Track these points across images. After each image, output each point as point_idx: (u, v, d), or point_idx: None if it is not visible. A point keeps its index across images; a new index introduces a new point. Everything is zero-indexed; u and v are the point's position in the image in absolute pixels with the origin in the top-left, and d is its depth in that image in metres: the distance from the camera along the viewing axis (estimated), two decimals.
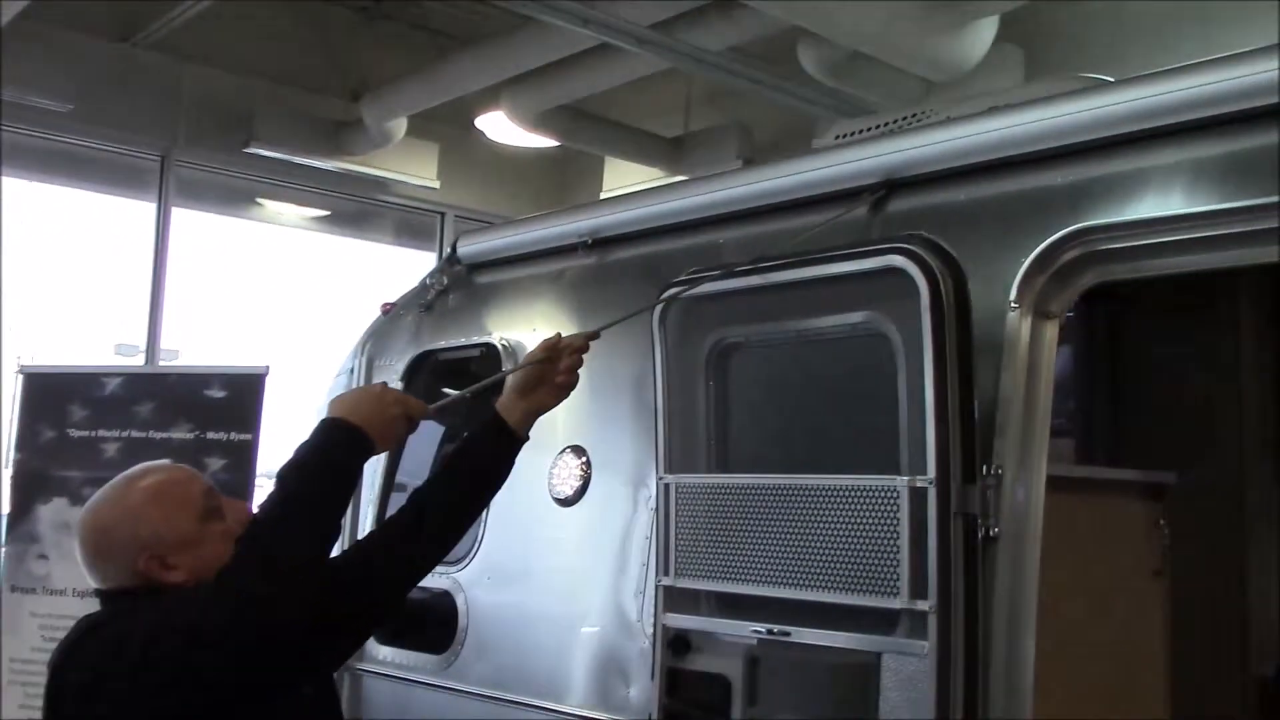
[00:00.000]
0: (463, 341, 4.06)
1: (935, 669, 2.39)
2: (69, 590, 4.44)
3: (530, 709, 3.43)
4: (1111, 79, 2.84)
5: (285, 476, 2.11)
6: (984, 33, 5.94)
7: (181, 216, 8.40)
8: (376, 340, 4.34)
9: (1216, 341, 3.79)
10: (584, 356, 2.54)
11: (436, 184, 8.91)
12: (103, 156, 8.15)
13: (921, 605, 2.42)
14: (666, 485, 2.94)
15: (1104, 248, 2.52)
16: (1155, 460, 3.45)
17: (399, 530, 2.30)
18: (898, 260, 2.50)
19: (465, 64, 7.24)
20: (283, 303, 10.16)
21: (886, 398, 2.58)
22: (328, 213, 9.71)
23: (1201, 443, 3.75)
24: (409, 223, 9.86)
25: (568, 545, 3.47)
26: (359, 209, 9.61)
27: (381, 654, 3.82)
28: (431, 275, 4.35)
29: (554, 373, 2.46)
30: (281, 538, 2.02)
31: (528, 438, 2.48)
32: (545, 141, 8.30)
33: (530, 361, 2.46)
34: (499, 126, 8.18)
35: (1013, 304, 2.58)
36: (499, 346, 3.88)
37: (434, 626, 3.73)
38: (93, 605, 4.35)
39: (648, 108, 8.37)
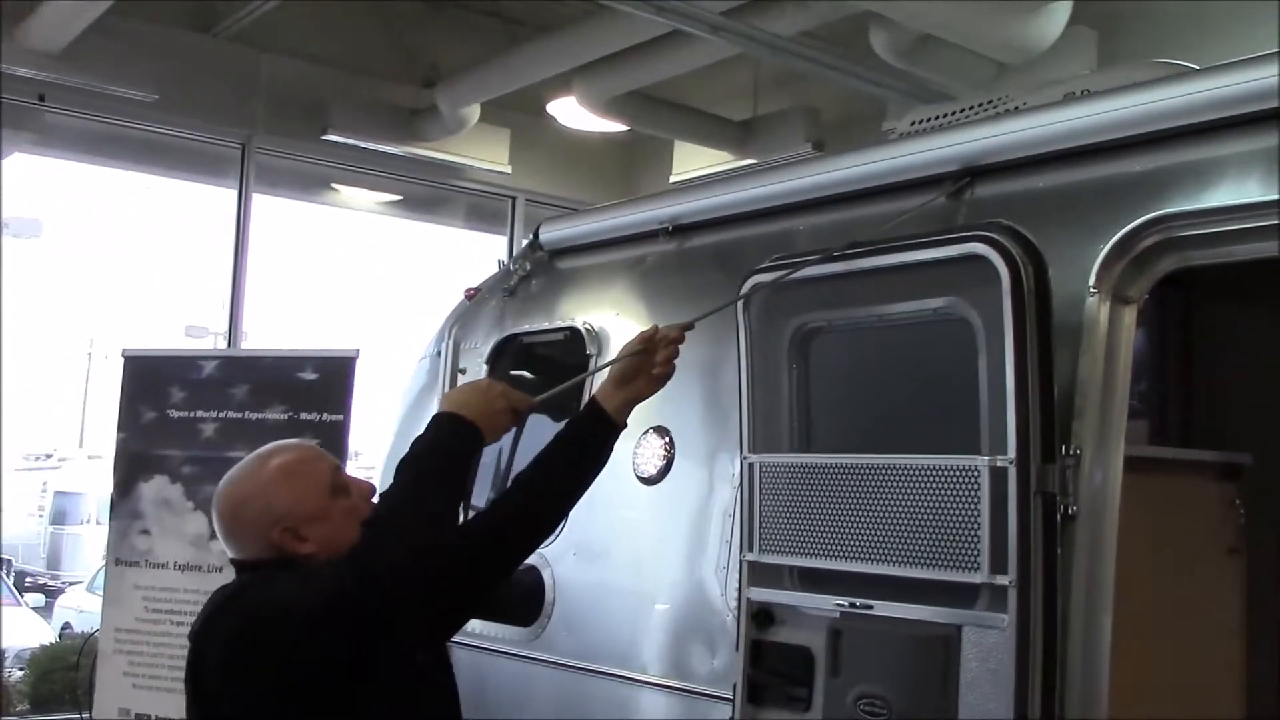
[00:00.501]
0: (546, 325, 4.19)
1: (1015, 642, 2.48)
2: (170, 564, 4.65)
3: (616, 679, 3.56)
4: (1186, 64, 2.90)
5: (406, 467, 2.26)
6: (1058, 16, 5.95)
7: (259, 202, 8.63)
8: (461, 325, 4.48)
9: None
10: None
11: (508, 169, 9.05)
12: (186, 145, 8.38)
13: (1001, 580, 2.51)
14: (751, 465, 3.05)
15: (1182, 234, 2.58)
16: (1229, 442, 3.50)
17: (505, 512, 2.43)
18: (980, 248, 2.58)
19: (537, 52, 7.36)
20: (358, 286, 10.42)
21: (966, 381, 2.67)
22: (400, 197, 9.90)
23: (1276, 423, 3.78)
24: (480, 207, 10.01)
25: (651, 522, 3.59)
26: (431, 194, 9.77)
27: (471, 626, 3.96)
28: (514, 260, 4.48)
29: (650, 364, 2.57)
30: (405, 520, 2.16)
31: (625, 425, 2.59)
32: (615, 126, 8.40)
33: (629, 354, 2.56)
34: (570, 112, 8.30)
35: (1091, 289, 2.65)
36: (582, 331, 4.00)
37: (522, 600, 3.87)
38: (194, 578, 4.55)
39: (716, 91, 8.44)
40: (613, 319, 3.96)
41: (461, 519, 2.39)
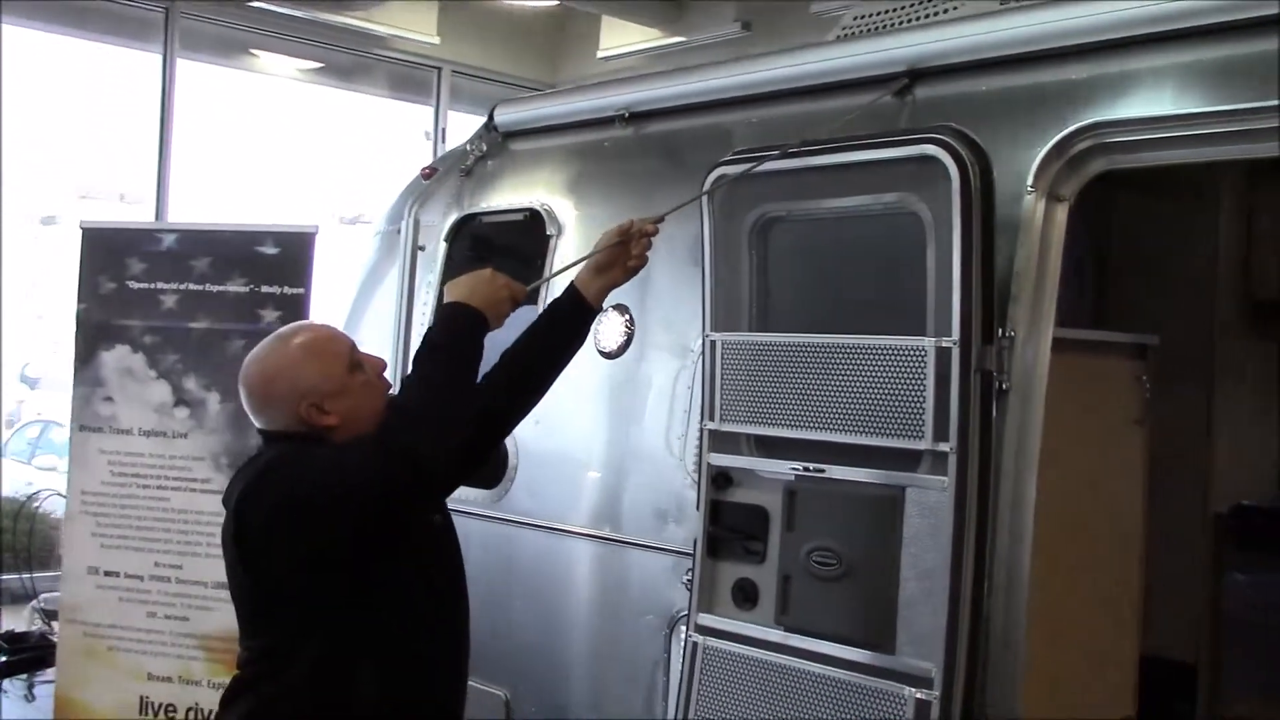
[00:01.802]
0: (504, 206, 4.37)
1: (954, 500, 2.82)
2: (134, 429, 4.81)
3: (576, 536, 3.87)
4: None
5: (424, 358, 2.45)
6: None
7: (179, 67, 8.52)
8: (420, 202, 4.63)
9: (1197, 221, 4.19)
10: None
11: (436, 39, 9.06)
12: (108, 8, 8.23)
13: (943, 447, 2.83)
14: (713, 342, 3.32)
15: (1112, 140, 2.87)
16: (1138, 324, 3.87)
17: (501, 386, 2.67)
18: (932, 149, 2.84)
19: None
20: (281, 155, 10.34)
21: (913, 269, 2.95)
22: (321, 65, 9.82)
23: (1180, 309, 4.18)
24: (405, 77, 9.97)
25: (611, 394, 3.86)
26: (354, 62, 9.70)
27: None
28: (470, 141, 4.63)
29: (627, 255, 2.78)
30: (430, 411, 2.36)
31: (602, 309, 2.83)
32: (545, 1, 8.45)
33: (607, 245, 2.77)
34: None
35: (1029, 188, 2.93)
36: (542, 212, 4.20)
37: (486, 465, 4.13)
38: (158, 444, 4.73)
39: None
40: (570, 202, 4.17)
41: None
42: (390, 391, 2.58)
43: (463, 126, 9.50)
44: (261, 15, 8.48)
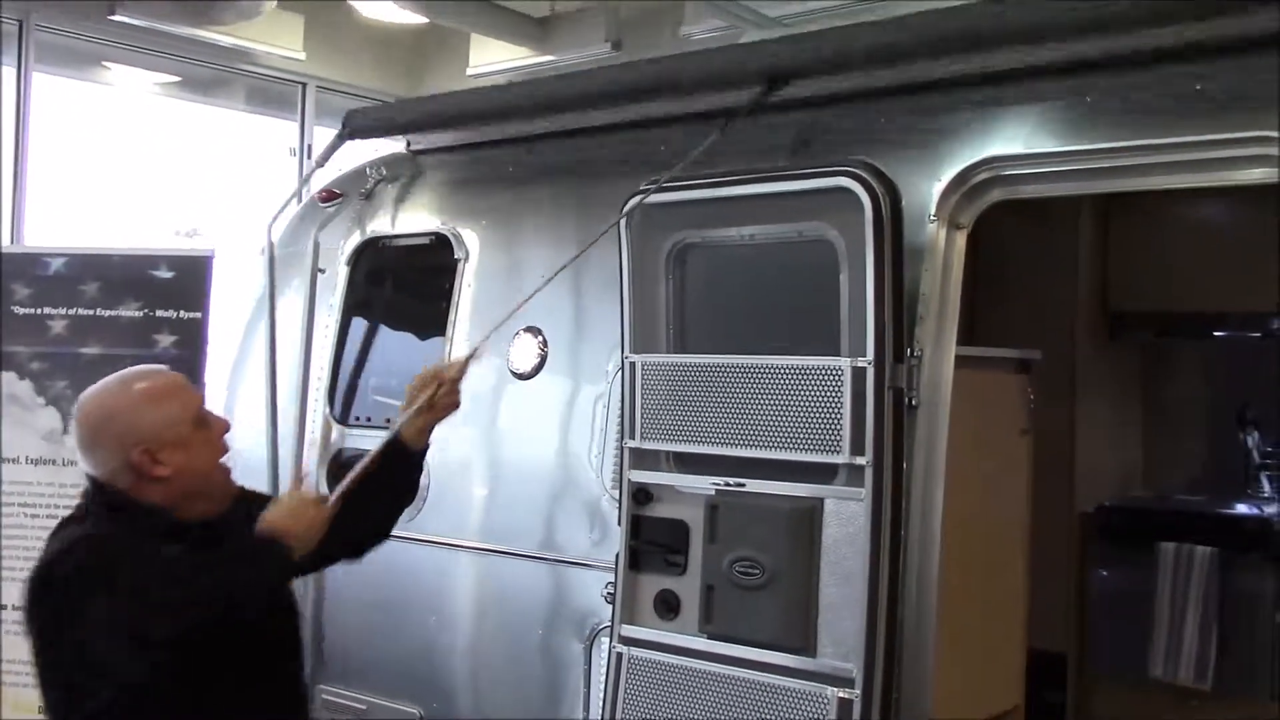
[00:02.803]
0: (410, 230, 4.43)
1: (870, 510, 3.01)
2: (22, 458, 4.71)
3: (493, 554, 3.96)
4: None
5: (209, 565, 2.38)
6: None
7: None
8: (319, 225, 4.64)
9: (1058, 241, 4.52)
10: (544, 246, 2.95)
11: (302, 54, 8.98)
12: None
13: (860, 460, 3.03)
14: (632, 363, 3.46)
15: (1007, 173, 3.11)
16: (1007, 339, 4.15)
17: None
18: (845, 181, 3.04)
19: None
20: (137, 172, 10.08)
21: (825, 293, 3.14)
22: (178, 79, 9.63)
23: (1045, 325, 4.49)
24: (265, 91, 9.85)
25: (526, 414, 3.96)
26: (213, 76, 9.55)
27: None
28: (371, 164, 4.67)
29: (442, 398, 2.82)
30: (195, 589, 2.31)
31: (429, 444, 2.88)
32: (414, 17, 8.46)
33: (416, 405, 2.78)
34: (368, 4, 8.30)
35: (931, 217, 3.15)
36: (449, 236, 4.27)
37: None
38: (47, 472, 4.65)
39: None
40: (479, 225, 4.25)
41: None
42: (224, 456, 2.53)
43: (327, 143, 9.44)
44: (120, 29, 8.29)
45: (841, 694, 3.02)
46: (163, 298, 4.70)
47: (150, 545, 2.36)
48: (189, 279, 4.73)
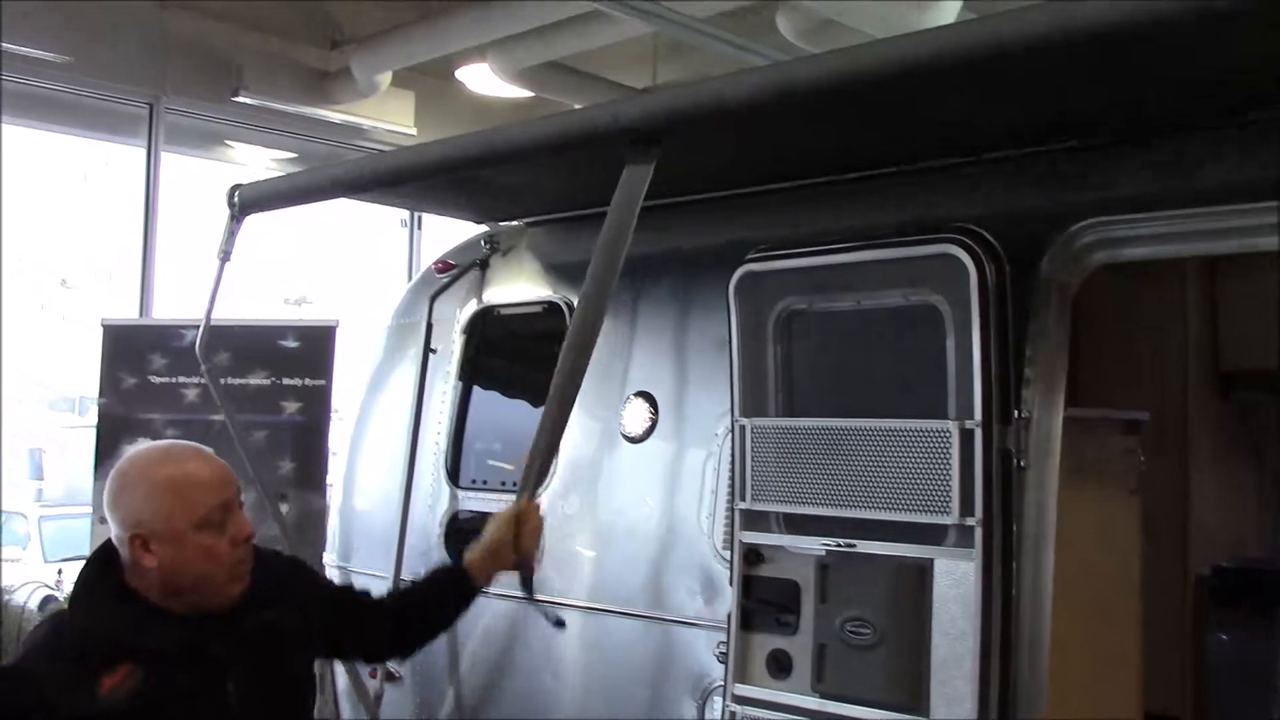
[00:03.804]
0: (524, 299, 4.59)
1: (981, 569, 3.06)
2: None
3: (609, 614, 4.05)
4: None
5: None
6: (949, 7, 6.55)
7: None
8: (436, 296, 4.83)
9: (1168, 303, 4.52)
10: (656, 316, 3.04)
11: (413, 130, 9.31)
12: (94, 104, 8.41)
13: (970, 521, 3.08)
14: (742, 426, 3.55)
15: (1113, 235, 3.16)
16: (1116, 400, 4.16)
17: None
18: (950, 248, 3.12)
19: (455, 23, 7.64)
20: (253, 244, 10.53)
21: (931, 357, 3.21)
22: (295, 155, 10.04)
23: (1155, 385, 4.49)
24: None
25: (638, 476, 4.07)
26: (329, 151, 9.94)
27: None
28: (484, 236, 4.86)
29: (526, 541, 3.00)
30: None
31: (488, 586, 3.02)
32: (521, 92, 8.74)
33: (498, 537, 2.97)
34: (477, 77, 8.61)
35: (1040, 279, 3.21)
36: (562, 305, 4.42)
37: None
38: None
39: (616, 58, 8.81)
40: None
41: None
42: (243, 560, 2.44)
43: (441, 216, 9.75)
44: (242, 109, 8.69)
45: None
46: (289, 366, 4.93)
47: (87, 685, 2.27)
48: (314, 348, 4.95)
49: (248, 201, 4.44)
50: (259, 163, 10.11)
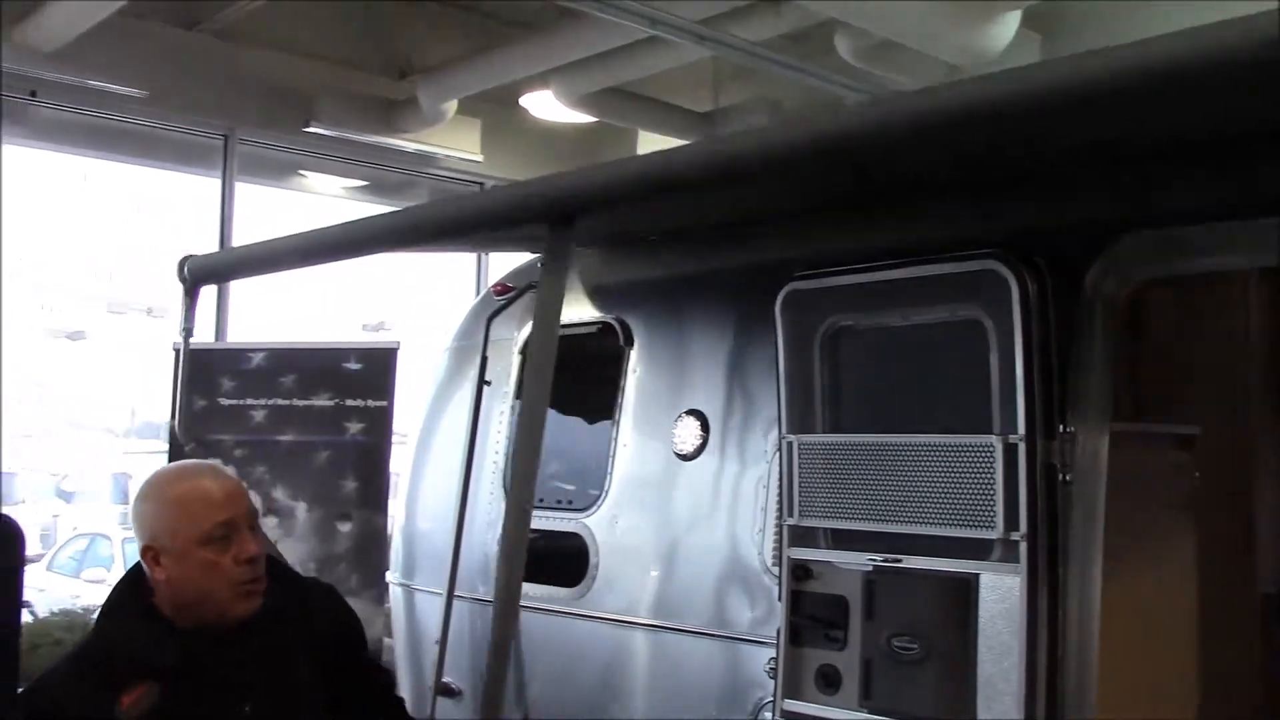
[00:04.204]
0: (579, 319, 4.66)
1: (1026, 584, 3.05)
2: None
3: (660, 630, 4.09)
4: None
5: None
6: (1010, 22, 6.54)
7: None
8: (493, 318, 4.92)
9: (1230, 316, 4.45)
10: (705, 335, 3.18)
11: (480, 156, 9.48)
12: (170, 136, 8.68)
13: (1014, 535, 3.08)
14: (789, 443, 3.58)
15: (1163, 247, 3.14)
16: (1177, 415, 4.10)
17: None
18: (992, 264, 3.13)
19: (519, 52, 7.79)
20: (329, 272, 10.77)
21: (977, 371, 3.22)
22: (366, 183, 10.26)
23: (1217, 401, 4.42)
24: (445, 191, 10.39)
25: (689, 493, 4.11)
26: (398, 178, 10.14)
27: (523, 589, 4.46)
28: (541, 258, 4.93)
29: None
30: None
31: None
32: (584, 117, 8.86)
33: None
34: (541, 104, 8.74)
35: (1084, 292, 3.20)
36: (615, 325, 4.48)
37: (566, 564, 4.37)
38: None
39: (677, 82, 8.90)
40: (642, 314, 4.45)
41: None
42: (252, 577, 2.44)
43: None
44: (314, 139, 8.91)
45: None
46: (352, 388, 5.04)
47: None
48: (375, 370, 5.06)
49: (198, 274, 4.61)
50: (331, 190, 10.36)
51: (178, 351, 5.23)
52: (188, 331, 4.20)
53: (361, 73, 8.88)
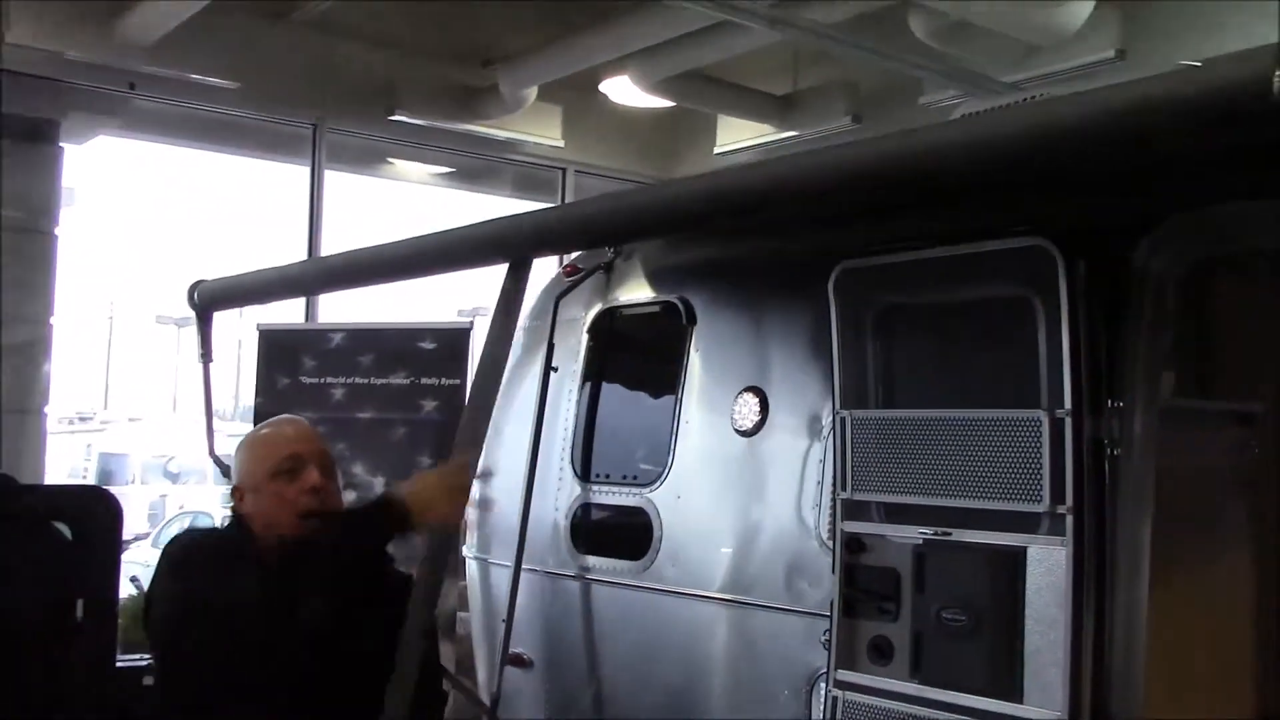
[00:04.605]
0: (644, 299, 4.77)
1: (1072, 557, 3.09)
2: None
3: (721, 603, 4.18)
4: None
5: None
6: (1083, 4, 6.48)
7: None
8: (562, 298, 5.04)
9: None
10: (763, 314, 3.39)
11: (561, 142, 9.62)
12: (261, 126, 8.95)
13: (1061, 509, 3.11)
14: (843, 419, 3.64)
15: (1211, 227, 3.15)
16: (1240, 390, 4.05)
17: None
18: (1039, 241, 3.16)
19: (596, 39, 7.88)
20: None
21: (1025, 346, 3.25)
22: (453, 170, 10.46)
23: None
24: (529, 176, 10.56)
25: (749, 468, 4.19)
26: (483, 165, 10.32)
27: (589, 562, 4.60)
28: None
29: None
30: None
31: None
32: (663, 102, 8.93)
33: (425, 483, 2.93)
34: (620, 90, 8.83)
35: (1134, 271, 3.21)
36: (678, 304, 4.57)
37: (630, 537, 4.48)
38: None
39: (756, 66, 8.92)
40: (704, 294, 4.54)
41: None
42: (316, 505, 2.72)
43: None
44: (398, 128, 9.11)
45: None
46: (427, 366, 5.21)
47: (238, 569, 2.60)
48: (450, 349, 5.22)
49: (207, 300, 4.94)
50: (419, 177, 10.59)
51: (262, 332, 5.45)
52: (206, 355, 4.20)
53: (444, 62, 9.06)
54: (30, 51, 7.31)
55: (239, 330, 9.22)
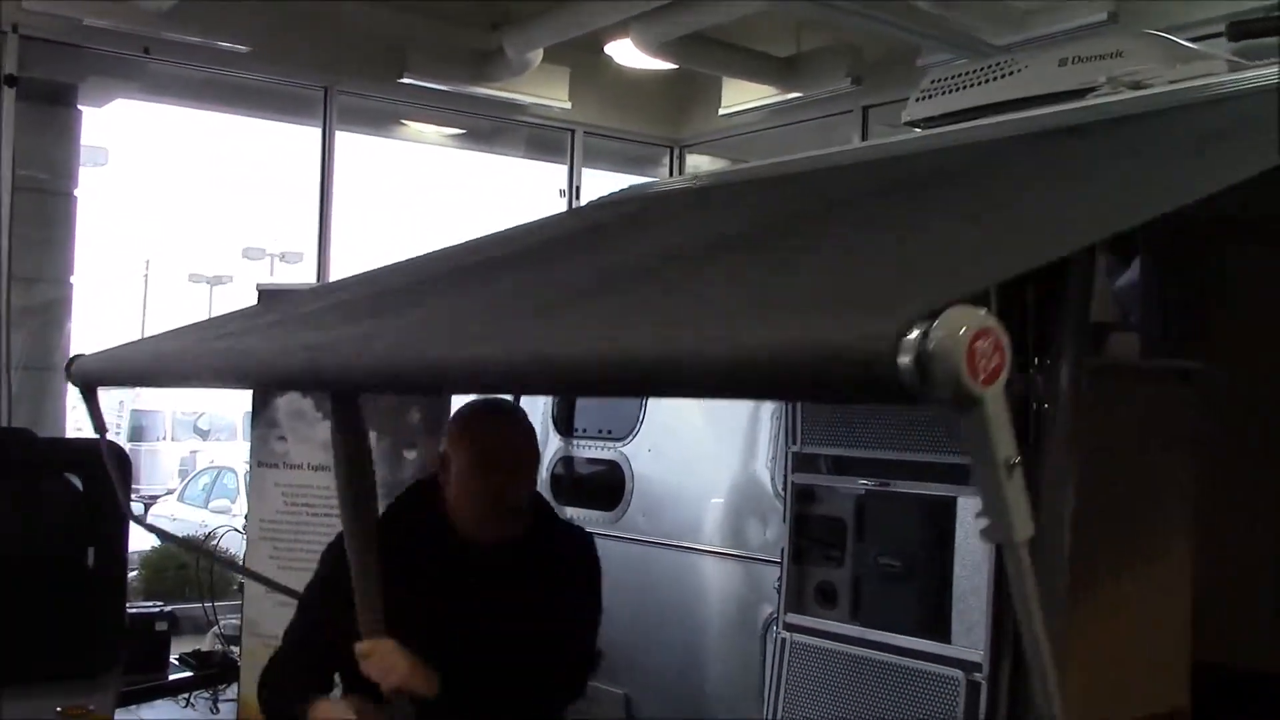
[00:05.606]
0: None
1: None
2: (305, 465, 5.51)
3: (684, 550, 4.39)
4: None
5: None
6: None
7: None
8: None
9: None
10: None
11: (568, 104, 9.76)
12: (274, 89, 9.13)
13: None
14: None
15: None
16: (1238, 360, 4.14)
17: None
18: None
19: (600, 2, 8.00)
20: (425, 212, 11.22)
21: None
22: (464, 131, 10.63)
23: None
24: (539, 138, 10.71)
25: (710, 426, 4.39)
26: (494, 126, 10.48)
27: (565, 513, 4.81)
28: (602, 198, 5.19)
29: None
30: None
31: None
32: (667, 65, 9.05)
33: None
34: (625, 52, 8.96)
35: None
36: None
37: (605, 489, 4.69)
38: (325, 477, 5.37)
39: (759, 28, 9.01)
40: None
41: None
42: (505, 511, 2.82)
43: (594, 184, 10.22)
44: (408, 90, 9.28)
45: (971, 677, 3.27)
46: None
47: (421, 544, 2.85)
48: None
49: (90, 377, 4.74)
50: (431, 138, 10.77)
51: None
52: (101, 432, 3.60)
53: (452, 25, 9.19)
54: (48, 18, 7.53)
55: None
